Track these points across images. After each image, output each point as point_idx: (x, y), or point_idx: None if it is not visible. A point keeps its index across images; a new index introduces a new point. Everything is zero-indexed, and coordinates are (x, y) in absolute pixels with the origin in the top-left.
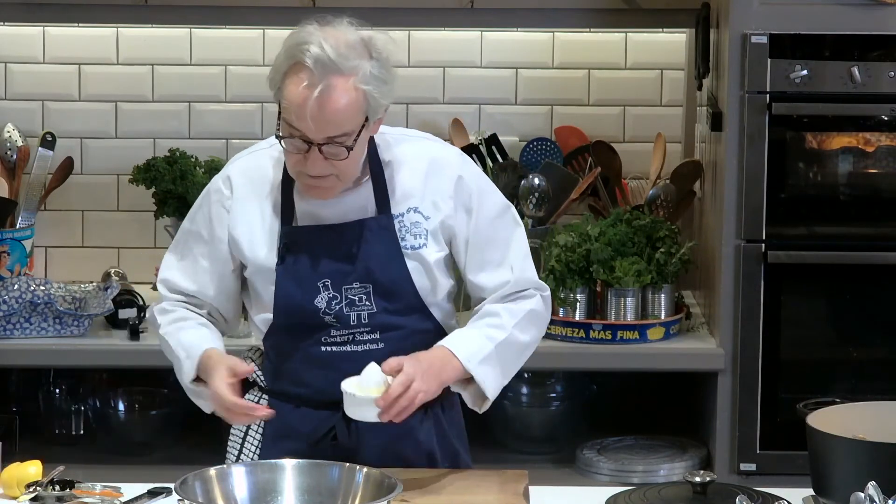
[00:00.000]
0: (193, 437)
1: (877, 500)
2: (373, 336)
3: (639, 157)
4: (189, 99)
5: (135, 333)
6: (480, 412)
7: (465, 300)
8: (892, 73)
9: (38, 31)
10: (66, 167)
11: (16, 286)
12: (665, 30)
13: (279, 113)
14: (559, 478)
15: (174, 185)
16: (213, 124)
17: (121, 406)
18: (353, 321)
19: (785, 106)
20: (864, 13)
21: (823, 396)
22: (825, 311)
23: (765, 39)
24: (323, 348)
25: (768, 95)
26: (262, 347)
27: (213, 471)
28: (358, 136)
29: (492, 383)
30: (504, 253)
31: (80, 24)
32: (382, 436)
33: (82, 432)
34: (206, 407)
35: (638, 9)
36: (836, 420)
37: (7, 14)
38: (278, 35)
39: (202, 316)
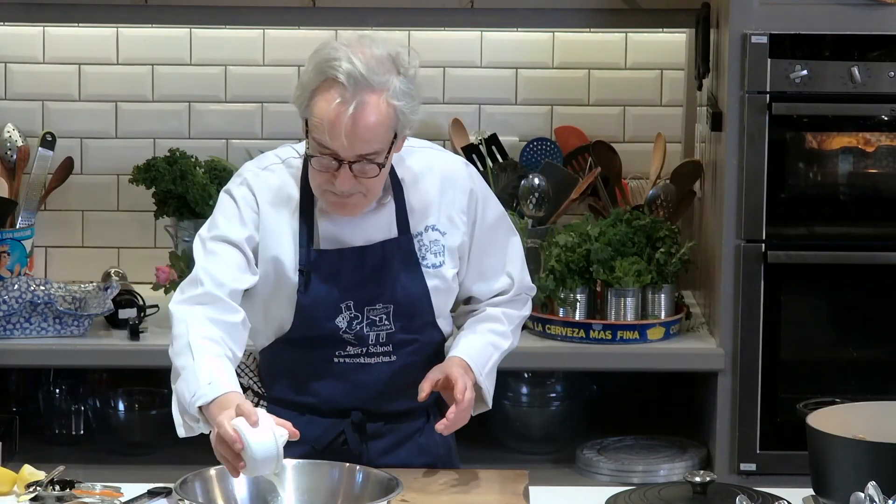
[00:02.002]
0: (193, 437)
1: (877, 500)
2: (386, 349)
3: (639, 157)
4: (189, 99)
5: (135, 333)
6: (474, 414)
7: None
8: (892, 73)
9: (38, 31)
10: (66, 167)
11: (16, 286)
12: (665, 30)
13: (306, 131)
14: (559, 478)
15: (174, 185)
16: (213, 124)
17: (121, 406)
18: (372, 340)
19: (785, 106)
20: (864, 13)
21: (823, 396)
22: (825, 311)
23: (765, 39)
24: (336, 360)
25: (768, 95)
26: (256, 353)
27: (213, 471)
28: (388, 152)
29: (492, 391)
30: (502, 260)
31: (80, 24)
32: (387, 440)
33: (82, 432)
34: (183, 431)
35: (638, 9)
36: (836, 420)
37: (7, 14)
38: (278, 35)
39: (229, 342)
